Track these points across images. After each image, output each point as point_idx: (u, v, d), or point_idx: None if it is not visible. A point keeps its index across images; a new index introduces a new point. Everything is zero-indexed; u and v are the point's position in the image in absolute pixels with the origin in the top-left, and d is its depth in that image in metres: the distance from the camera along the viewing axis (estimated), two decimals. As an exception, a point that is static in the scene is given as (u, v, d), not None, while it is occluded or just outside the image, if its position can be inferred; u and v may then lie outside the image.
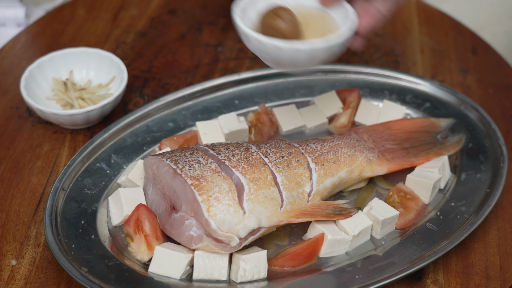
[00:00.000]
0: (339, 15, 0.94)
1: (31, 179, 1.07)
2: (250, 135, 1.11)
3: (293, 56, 0.87)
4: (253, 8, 0.95)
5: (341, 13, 0.94)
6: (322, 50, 0.87)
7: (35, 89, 1.16)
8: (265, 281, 0.92)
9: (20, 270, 0.95)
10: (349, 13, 0.92)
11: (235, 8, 0.92)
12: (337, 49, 0.89)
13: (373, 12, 0.93)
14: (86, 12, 1.41)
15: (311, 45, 0.87)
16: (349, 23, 0.91)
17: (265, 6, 0.95)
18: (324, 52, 0.88)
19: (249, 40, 0.89)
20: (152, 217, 0.96)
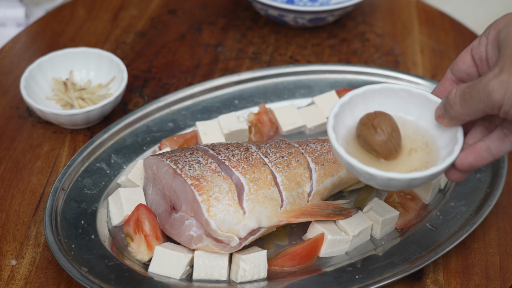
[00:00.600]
0: (445, 138, 0.83)
1: (31, 179, 1.07)
2: (250, 135, 1.11)
3: (369, 180, 0.80)
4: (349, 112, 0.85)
5: (452, 133, 0.82)
6: (419, 179, 0.79)
7: (35, 89, 1.16)
8: (265, 281, 0.92)
9: (20, 270, 0.95)
10: (456, 144, 0.81)
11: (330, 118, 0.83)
12: (424, 181, 0.81)
13: (479, 151, 0.79)
14: (86, 12, 1.41)
15: (403, 175, 0.78)
16: (448, 160, 0.79)
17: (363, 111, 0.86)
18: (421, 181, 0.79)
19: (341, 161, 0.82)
20: (152, 217, 0.96)
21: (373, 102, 0.85)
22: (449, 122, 0.80)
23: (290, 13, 1.30)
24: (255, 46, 1.34)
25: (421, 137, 0.84)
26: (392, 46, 1.35)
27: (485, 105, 0.74)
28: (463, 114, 0.78)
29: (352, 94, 0.84)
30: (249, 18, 1.41)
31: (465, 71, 0.82)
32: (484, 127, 0.81)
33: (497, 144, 0.79)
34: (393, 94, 0.85)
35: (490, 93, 0.73)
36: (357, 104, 0.85)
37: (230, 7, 1.44)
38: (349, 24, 1.40)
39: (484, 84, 0.74)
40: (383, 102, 0.86)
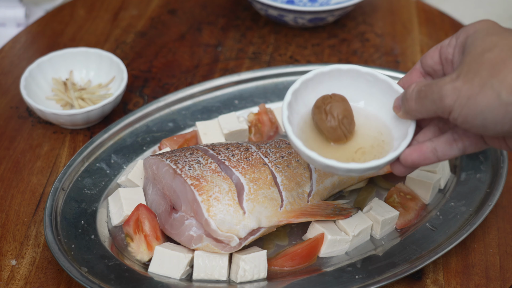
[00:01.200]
0: (399, 130, 0.84)
1: (31, 179, 1.07)
2: (250, 135, 1.11)
3: (329, 169, 0.81)
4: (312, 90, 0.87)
5: (404, 127, 0.84)
6: (357, 171, 0.80)
7: (35, 89, 1.16)
8: (265, 281, 0.92)
9: (20, 270, 0.95)
10: (404, 139, 0.82)
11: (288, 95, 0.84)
12: (361, 172, 0.82)
13: (424, 151, 0.79)
14: (86, 12, 1.41)
15: (347, 165, 0.79)
16: (390, 154, 0.81)
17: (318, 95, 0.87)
18: (359, 172, 0.81)
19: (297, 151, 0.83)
20: (152, 217, 0.96)
21: (339, 82, 0.87)
22: (404, 115, 0.82)
23: (290, 13, 1.30)
24: (255, 46, 1.34)
25: (377, 125, 0.86)
26: (392, 46, 1.35)
27: (436, 107, 0.75)
28: (416, 110, 0.79)
29: (317, 72, 0.85)
30: (249, 18, 1.41)
31: (431, 67, 0.83)
32: (438, 127, 0.82)
33: (444, 147, 0.79)
34: (359, 76, 0.87)
35: (443, 97, 0.74)
36: (321, 82, 0.86)
37: (230, 7, 1.44)
38: (349, 24, 1.40)
39: (440, 87, 0.74)
40: (349, 83, 0.87)
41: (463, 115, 0.73)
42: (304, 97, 0.86)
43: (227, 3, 1.44)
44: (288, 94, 0.83)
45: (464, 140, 0.79)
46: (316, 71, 0.85)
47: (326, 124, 0.83)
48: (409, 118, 0.82)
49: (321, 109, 0.83)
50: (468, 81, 0.72)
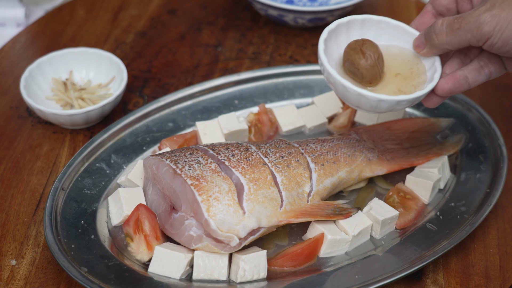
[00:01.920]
0: (427, 64, 0.91)
1: (31, 179, 1.07)
2: (250, 135, 1.11)
3: (358, 101, 0.88)
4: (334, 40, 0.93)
5: (429, 63, 0.91)
6: (403, 102, 0.87)
7: (35, 89, 1.16)
8: (265, 281, 0.92)
9: (20, 270, 0.95)
10: (435, 72, 0.89)
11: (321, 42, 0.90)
12: (408, 104, 0.88)
13: (458, 78, 0.87)
14: (85, 12, 1.41)
15: (392, 97, 0.86)
16: (428, 86, 0.88)
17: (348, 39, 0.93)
18: (392, 105, 0.87)
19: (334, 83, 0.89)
20: (152, 217, 0.96)
21: (355, 31, 0.93)
22: (429, 50, 0.88)
23: (290, 13, 1.30)
24: (255, 46, 1.34)
25: (405, 60, 0.92)
26: (392, 46, 1.35)
27: (472, 35, 0.81)
28: (446, 43, 0.85)
29: (338, 23, 0.91)
30: (249, 18, 1.41)
31: (445, 6, 0.90)
32: (460, 59, 0.89)
33: (474, 74, 0.87)
34: (373, 24, 0.93)
35: (481, 25, 0.80)
36: (340, 33, 0.92)
37: (230, 7, 1.44)
38: (349, 24, 1.40)
39: (476, 16, 0.81)
40: (364, 32, 0.93)
41: (504, 38, 0.80)
42: (338, 41, 0.92)
43: (227, 3, 1.44)
44: (325, 32, 0.90)
45: (490, 66, 0.87)
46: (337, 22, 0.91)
47: (364, 63, 0.87)
48: (434, 53, 0.88)
49: (357, 50, 0.88)
50: (506, 8, 0.79)
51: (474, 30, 0.81)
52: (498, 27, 0.79)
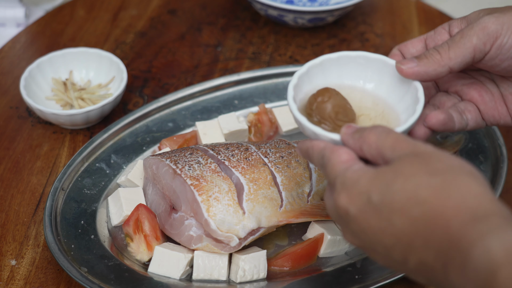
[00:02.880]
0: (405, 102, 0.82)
1: (30, 179, 1.07)
2: (250, 135, 1.11)
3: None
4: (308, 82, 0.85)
5: (409, 100, 0.81)
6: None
7: (35, 89, 1.16)
8: (265, 281, 0.92)
9: (19, 270, 0.95)
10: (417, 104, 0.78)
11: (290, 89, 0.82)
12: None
13: (449, 113, 0.80)
14: (85, 12, 1.41)
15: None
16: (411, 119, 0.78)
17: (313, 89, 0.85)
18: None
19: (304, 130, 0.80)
20: (152, 217, 0.96)
21: (331, 71, 0.86)
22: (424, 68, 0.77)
23: (290, 13, 1.30)
24: (255, 46, 1.34)
25: (378, 105, 0.84)
26: (392, 46, 1.35)
27: (478, 38, 0.75)
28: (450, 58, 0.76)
29: (310, 65, 0.84)
30: (248, 18, 1.41)
31: (412, 54, 0.83)
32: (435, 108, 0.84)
33: (457, 116, 0.81)
34: (350, 61, 0.85)
35: (486, 25, 0.75)
36: (316, 74, 0.85)
37: (229, 7, 1.44)
38: (349, 24, 1.40)
39: (478, 20, 0.75)
40: (342, 71, 0.86)
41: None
42: (303, 89, 0.84)
43: (227, 3, 1.44)
44: (290, 89, 0.82)
45: (467, 114, 0.81)
46: (308, 64, 0.84)
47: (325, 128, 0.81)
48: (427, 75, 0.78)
49: (312, 118, 0.80)
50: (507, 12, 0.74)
51: (479, 33, 0.75)
52: (506, 26, 0.74)
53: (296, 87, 0.83)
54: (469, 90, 0.84)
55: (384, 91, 0.84)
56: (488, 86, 0.84)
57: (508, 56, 0.76)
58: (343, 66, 0.86)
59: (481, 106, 0.83)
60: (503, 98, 0.83)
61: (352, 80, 0.86)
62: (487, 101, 0.83)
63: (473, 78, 0.85)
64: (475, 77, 0.85)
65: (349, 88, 0.86)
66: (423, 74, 0.78)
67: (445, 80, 0.85)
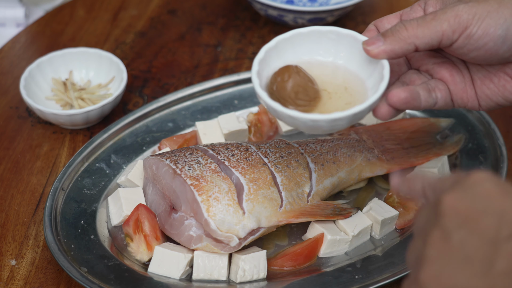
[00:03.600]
0: (373, 79, 0.81)
1: (30, 179, 1.07)
2: (250, 135, 1.11)
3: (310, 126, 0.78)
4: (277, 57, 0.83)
5: (376, 77, 0.80)
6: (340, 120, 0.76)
7: (35, 89, 1.16)
8: (265, 281, 0.92)
9: (19, 270, 0.95)
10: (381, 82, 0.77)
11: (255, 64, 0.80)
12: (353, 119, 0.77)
13: (413, 91, 0.78)
14: (85, 12, 1.41)
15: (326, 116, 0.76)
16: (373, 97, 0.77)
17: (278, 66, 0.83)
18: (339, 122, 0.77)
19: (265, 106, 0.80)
20: (152, 217, 0.96)
21: (302, 46, 0.84)
22: (389, 46, 0.76)
23: (290, 13, 1.30)
24: (255, 46, 1.34)
25: (348, 81, 0.83)
26: (391, 46, 1.35)
27: (449, 25, 0.74)
28: (416, 35, 0.75)
29: (278, 39, 0.83)
30: (248, 18, 1.41)
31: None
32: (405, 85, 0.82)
33: (425, 94, 0.79)
34: (321, 36, 0.84)
35: (459, 13, 0.74)
36: (285, 49, 0.83)
37: (229, 7, 1.44)
38: (349, 24, 1.40)
39: (452, 7, 0.75)
40: (312, 46, 0.84)
41: (483, 27, 0.74)
42: (272, 65, 0.82)
43: (227, 3, 1.44)
44: (255, 64, 0.80)
45: (437, 92, 0.80)
46: (277, 38, 0.83)
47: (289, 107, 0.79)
48: (392, 52, 0.76)
49: (274, 97, 0.79)
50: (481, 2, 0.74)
51: (451, 19, 0.74)
52: (477, 16, 0.74)
53: (263, 62, 0.81)
54: (440, 69, 0.83)
55: (355, 67, 0.83)
56: (459, 67, 0.83)
57: (476, 46, 0.76)
58: (314, 41, 0.84)
59: (451, 87, 0.82)
60: (472, 82, 0.82)
61: (323, 55, 0.84)
62: (458, 82, 0.82)
63: (445, 58, 0.84)
64: (447, 56, 0.84)
65: (320, 64, 0.84)
66: (389, 52, 0.76)
67: (417, 58, 0.84)
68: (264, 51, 0.82)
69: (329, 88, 0.83)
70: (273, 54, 0.83)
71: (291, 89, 0.79)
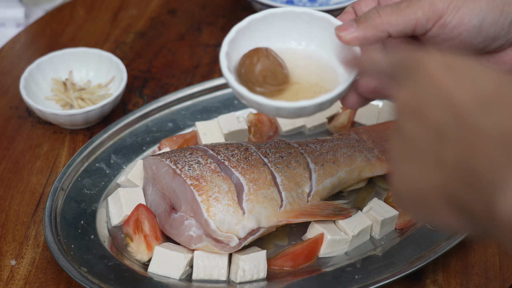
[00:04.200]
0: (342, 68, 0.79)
1: (30, 179, 1.07)
2: (250, 135, 1.11)
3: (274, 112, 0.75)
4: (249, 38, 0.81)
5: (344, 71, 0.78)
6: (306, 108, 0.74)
7: (35, 89, 1.16)
8: (265, 281, 0.92)
9: (19, 270, 0.95)
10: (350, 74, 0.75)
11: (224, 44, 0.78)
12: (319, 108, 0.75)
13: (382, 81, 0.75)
14: (85, 12, 1.41)
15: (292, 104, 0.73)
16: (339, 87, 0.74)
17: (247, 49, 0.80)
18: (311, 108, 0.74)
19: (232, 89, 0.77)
20: (152, 217, 0.96)
21: (275, 27, 0.81)
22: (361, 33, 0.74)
23: (290, 13, 1.30)
24: (255, 46, 1.34)
25: (319, 64, 0.80)
26: (391, 46, 1.35)
27: (423, 13, 0.72)
28: (390, 23, 0.73)
29: (250, 19, 0.80)
30: (248, 18, 1.41)
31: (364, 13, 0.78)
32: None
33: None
34: (295, 18, 0.81)
35: (434, 1, 0.72)
36: (257, 30, 0.81)
37: (229, 7, 1.44)
38: (349, 24, 1.40)
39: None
40: (286, 27, 0.81)
41: (458, 16, 0.72)
42: (242, 46, 0.80)
43: (226, 3, 1.44)
44: (225, 44, 0.78)
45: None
46: (249, 18, 0.80)
47: (256, 91, 0.77)
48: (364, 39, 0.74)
49: (242, 80, 0.77)
50: None
51: (426, 7, 0.72)
52: (452, 5, 0.71)
53: (233, 43, 0.78)
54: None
55: (327, 53, 0.81)
56: None
57: (450, 36, 0.74)
58: (287, 23, 0.81)
59: None
60: None
61: (296, 39, 0.82)
62: None
63: (421, 45, 0.80)
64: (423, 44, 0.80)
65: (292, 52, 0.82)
66: (361, 39, 0.74)
67: (393, 44, 0.81)
68: (235, 31, 0.79)
69: (299, 74, 0.80)
70: (245, 34, 0.80)
71: (259, 73, 0.77)
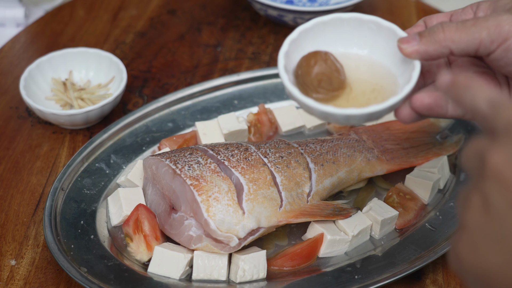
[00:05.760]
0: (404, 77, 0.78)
1: (30, 179, 1.07)
2: (250, 135, 1.11)
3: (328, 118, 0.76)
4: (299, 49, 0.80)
5: (406, 76, 0.77)
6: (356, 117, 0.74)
7: (35, 89, 1.16)
8: (264, 281, 0.92)
9: (19, 270, 0.95)
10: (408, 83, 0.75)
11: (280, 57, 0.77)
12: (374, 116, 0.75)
13: (439, 98, 0.74)
14: (85, 12, 1.41)
15: (345, 110, 0.74)
16: (396, 97, 0.74)
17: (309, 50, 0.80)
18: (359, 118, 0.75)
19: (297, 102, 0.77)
20: (152, 217, 0.96)
21: (340, 32, 0.81)
22: (423, 47, 0.73)
23: (290, 13, 1.30)
24: (255, 46, 1.34)
25: (381, 72, 0.80)
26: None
27: (488, 34, 0.70)
28: (453, 40, 0.72)
29: (316, 21, 0.80)
30: (248, 18, 1.41)
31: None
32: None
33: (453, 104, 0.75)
34: (361, 24, 0.81)
35: (501, 23, 0.70)
36: (321, 33, 0.81)
37: (229, 7, 1.44)
38: (349, 24, 1.40)
39: (495, 16, 0.71)
40: (350, 33, 0.81)
41: None
42: (303, 48, 0.80)
43: (226, 3, 1.44)
44: (286, 44, 0.78)
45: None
46: (316, 20, 0.80)
47: (313, 96, 0.77)
48: (426, 54, 0.74)
49: (297, 80, 0.77)
50: None
51: (492, 28, 0.70)
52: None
53: (295, 43, 0.78)
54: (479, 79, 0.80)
55: (389, 63, 0.80)
56: (500, 81, 0.79)
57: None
58: (352, 29, 0.81)
59: None
60: (510, 96, 0.78)
61: (359, 46, 0.82)
62: None
63: (487, 68, 0.80)
64: (489, 67, 0.79)
65: (354, 54, 0.81)
66: (422, 53, 0.74)
67: (459, 63, 0.81)
68: (298, 32, 0.79)
69: (357, 80, 0.80)
70: (308, 36, 0.80)
71: (315, 76, 0.77)
